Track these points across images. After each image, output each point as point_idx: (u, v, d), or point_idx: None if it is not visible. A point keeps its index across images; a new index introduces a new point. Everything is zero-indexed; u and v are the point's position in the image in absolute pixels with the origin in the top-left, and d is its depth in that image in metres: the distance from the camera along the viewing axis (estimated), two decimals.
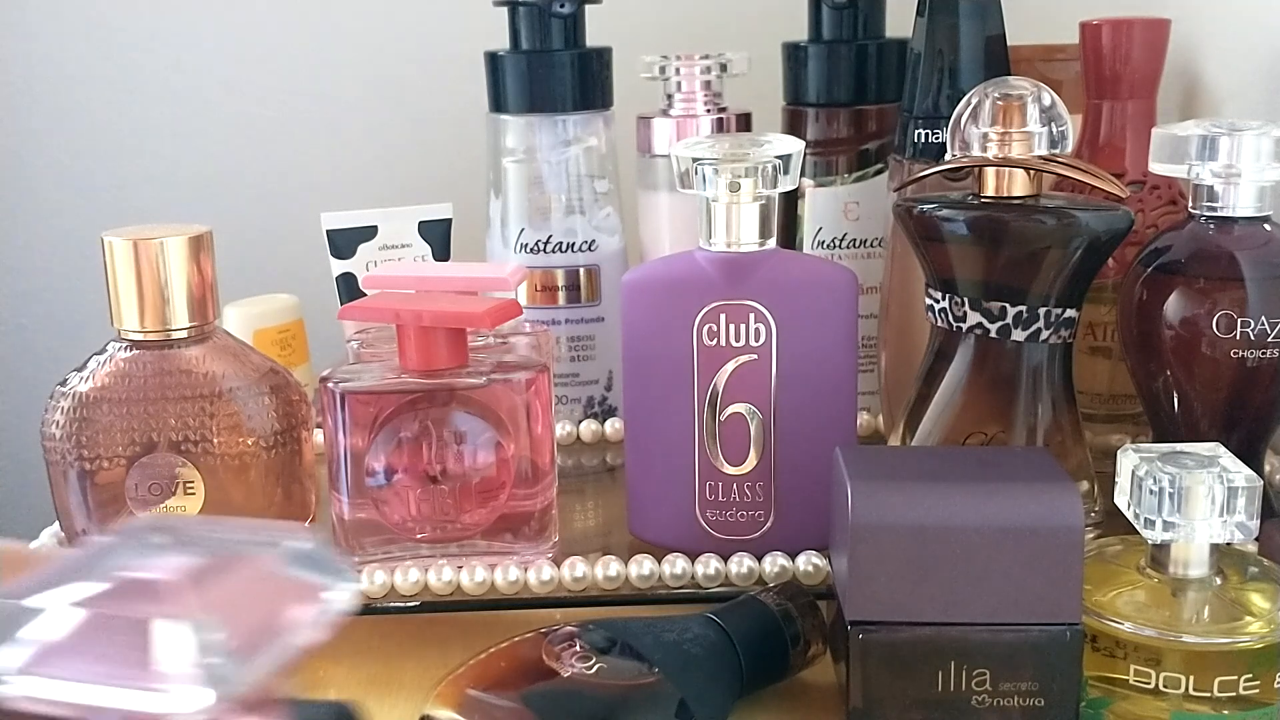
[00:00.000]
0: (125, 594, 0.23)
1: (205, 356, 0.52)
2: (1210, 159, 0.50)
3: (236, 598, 0.23)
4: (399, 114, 0.92)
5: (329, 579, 0.25)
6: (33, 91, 0.93)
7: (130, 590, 0.23)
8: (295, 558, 0.25)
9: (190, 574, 0.23)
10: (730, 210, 0.53)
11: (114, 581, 0.23)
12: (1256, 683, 0.40)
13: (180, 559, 0.24)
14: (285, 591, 0.24)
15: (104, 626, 0.23)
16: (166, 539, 0.25)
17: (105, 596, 0.23)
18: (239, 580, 0.24)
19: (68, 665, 0.22)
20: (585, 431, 0.69)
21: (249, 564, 0.25)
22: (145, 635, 0.22)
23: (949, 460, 0.47)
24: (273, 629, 0.24)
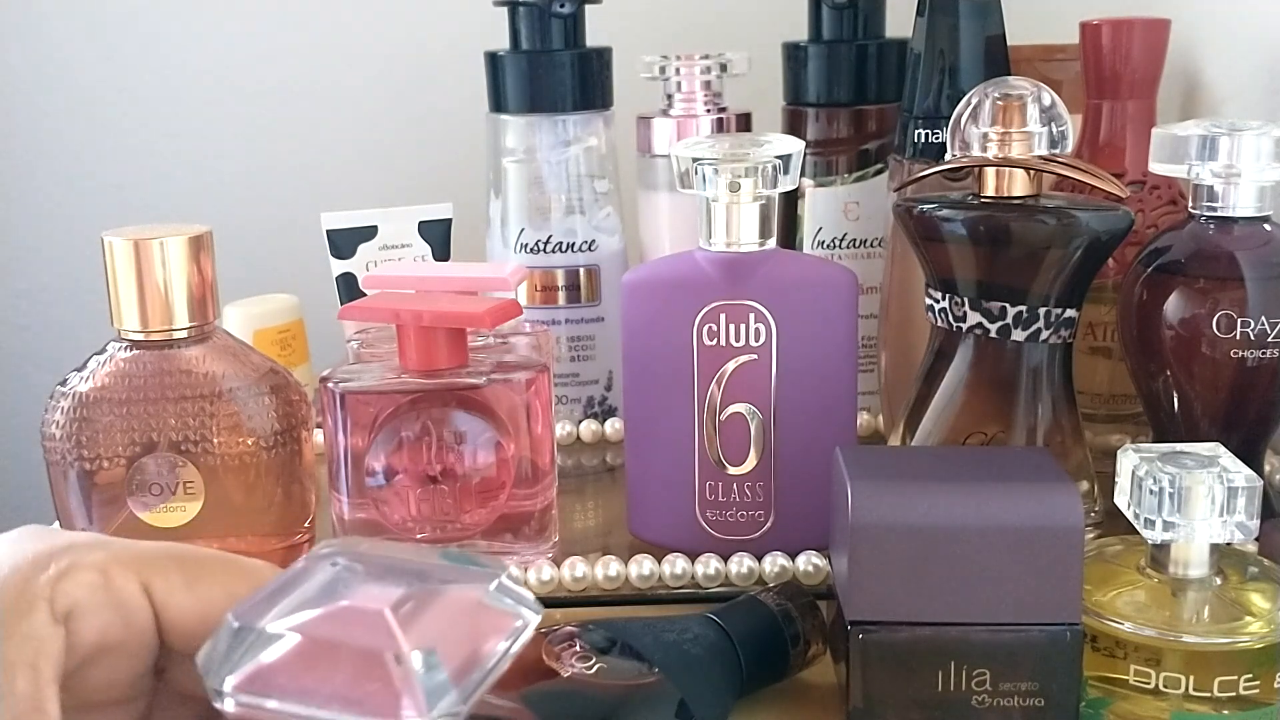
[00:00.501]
0: (344, 621, 0.24)
1: (205, 356, 0.52)
2: (1210, 159, 0.50)
3: (446, 628, 0.24)
4: (399, 114, 0.92)
5: (520, 609, 0.26)
6: (33, 92, 0.93)
7: (348, 618, 0.24)
8: (491, 588, 0.26)
9: (402, 604, 0.24)
10: (730, 210, 0.53)
11: (331, 608, 0.24)
12: (1256, 683, 0.40)
13: (388, 589, 0.25)
14: (485, 622, 0.25)
15: (329, 654, 0.24)
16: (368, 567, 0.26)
17: (326, 622, 0.24)
18: (446, 610, 0.25)
19: (296, 689, 0.23)
20: (585, 431, 0.69)
21: (452, 594, 0.25)
22: (372, 664, 0.23)
23: (949, 460, 0.47)
24: (477, 659, 0.25)
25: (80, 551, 0.27)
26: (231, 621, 0.25)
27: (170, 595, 0.28)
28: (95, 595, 0.27)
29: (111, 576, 0.27)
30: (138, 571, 0.27)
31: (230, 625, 0.25)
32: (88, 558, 0.27)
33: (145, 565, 0.28)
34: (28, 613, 0.26)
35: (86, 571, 0.27)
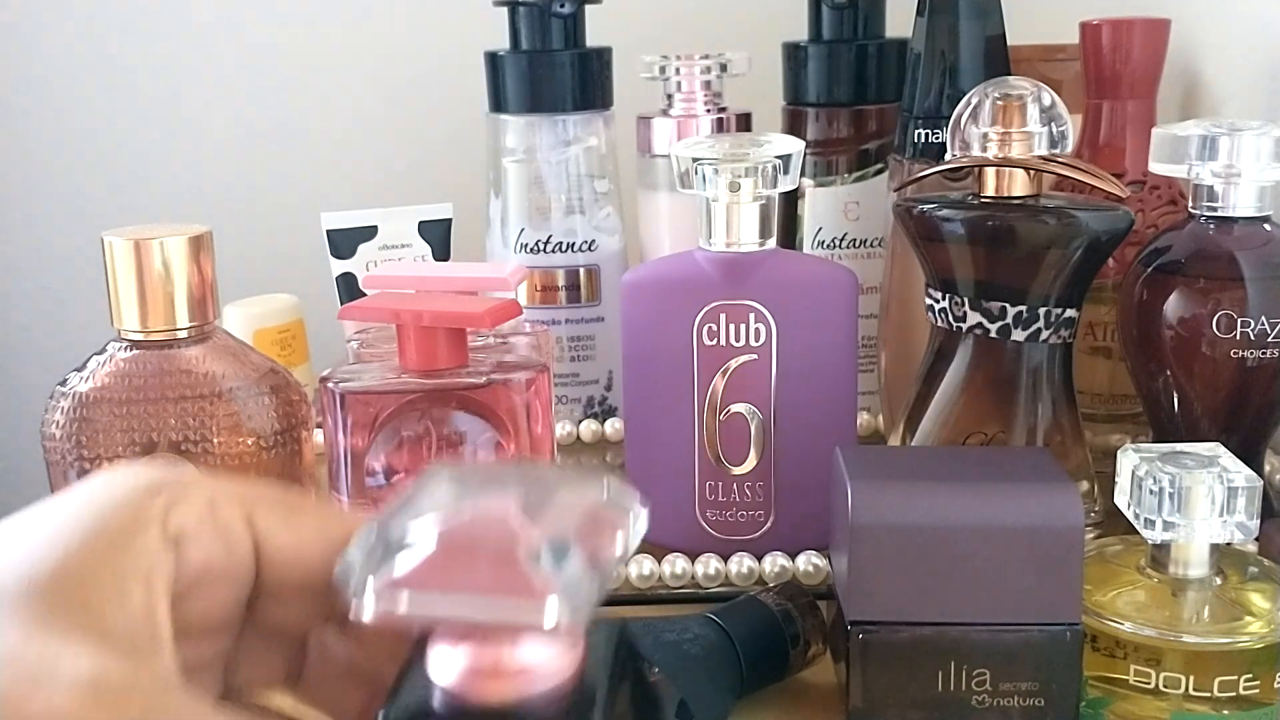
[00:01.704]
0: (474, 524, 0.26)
1: (205, 356, 0.52)
2: (1210, 159, 0.50)
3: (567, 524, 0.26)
4: (399, 114, 0.92)
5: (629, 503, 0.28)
6: (33, 93, 0.93)
7: (477, 521, 0.26)
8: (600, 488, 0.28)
9: (524, 506, 0.26)
10: (730, 210, 0.53)
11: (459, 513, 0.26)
12: (1256, 683, 0.40)
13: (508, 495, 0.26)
14: (602, 517, 0.27)
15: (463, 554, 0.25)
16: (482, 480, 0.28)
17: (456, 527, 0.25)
18: (564, 509, 0.26)
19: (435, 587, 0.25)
20: (585, 431, 0.69)
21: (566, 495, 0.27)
22: (506, 560, 0.24)
23: (949, 460, 0.47)
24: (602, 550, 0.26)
25: (189, 483, 0.28)
26: (369, 528, 0.26)
27: (270, 529, 0.29)
28: (203, 523, 0.28)
29: (218, 506, 0.28)
30: (241, 504, 0.29)
31: (368, 534, 0.26)
32: (196, 488, 0.28)
33: (248, 499, 0.29)
34: (141, 532, 0.27)
35: (196, 500, 0.28)
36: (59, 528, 0.27)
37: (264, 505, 0.29)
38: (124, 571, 0.26)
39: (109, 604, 0.26)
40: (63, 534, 0.27)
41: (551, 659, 0.26)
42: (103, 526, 0.27)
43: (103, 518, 0.27)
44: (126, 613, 0.26)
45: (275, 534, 0.29)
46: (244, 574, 0.29)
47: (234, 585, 0.29)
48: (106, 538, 0.27)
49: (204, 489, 0.28)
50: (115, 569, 0.26)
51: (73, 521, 0.27)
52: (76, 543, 0.26)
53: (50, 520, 0.27)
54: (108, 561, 0.26)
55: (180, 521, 0.28)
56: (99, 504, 0.27)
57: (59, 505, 0.28)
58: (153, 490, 0.28)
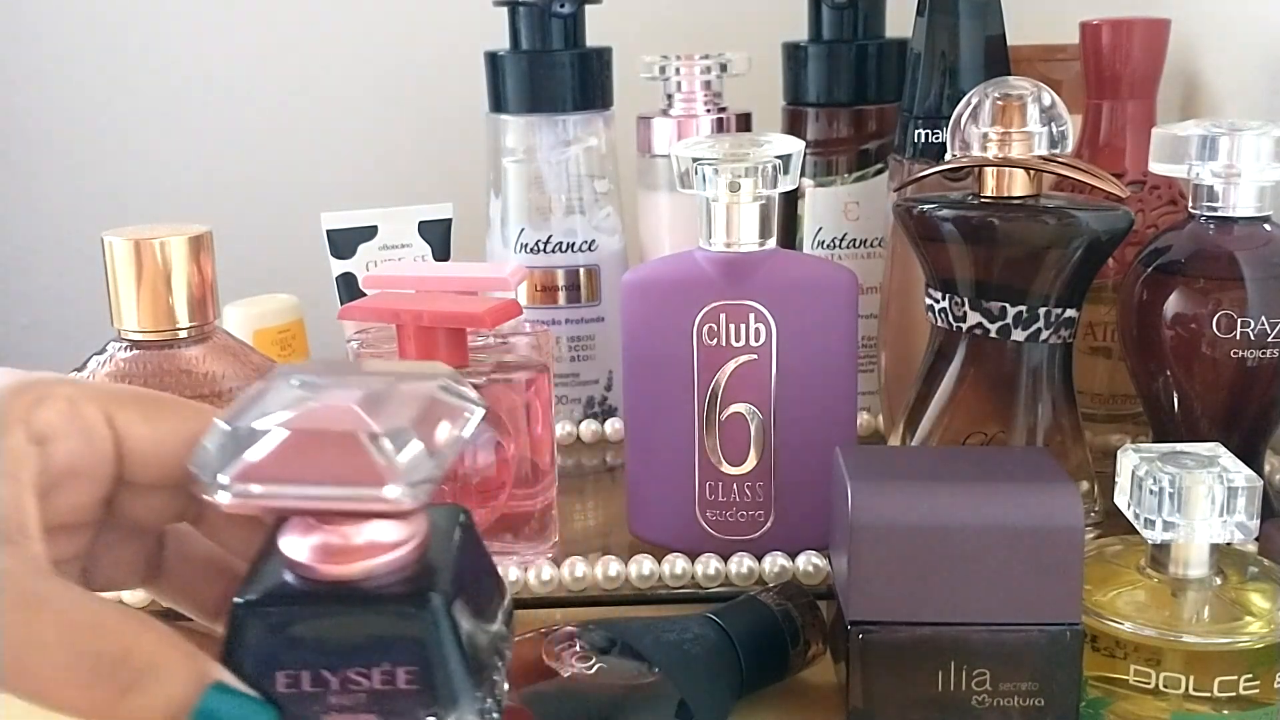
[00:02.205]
0: (320, 417, 0.27)
1: (205, 356, 0.52)
2: (1210, 159, 0.50)
3: (407, 415, 0.27)
4: (399, 114, 0.92)
5: (465, 402, 0.29)
6: (33, 91, 0.93)
7: (322, 414, 0.27)
8: (439, 385, 0.29)
9: (366, 400, 0.28)
10: (730, 210, 0.53)
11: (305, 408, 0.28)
12: (1256, 683, 0.40)
13: (351, 391, 0.28)
14: (440, 410, 0.29)
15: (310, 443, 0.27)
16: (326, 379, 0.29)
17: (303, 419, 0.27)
18: (404, 402, 0.28)
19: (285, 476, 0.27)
20: (585, 431, 0.69)
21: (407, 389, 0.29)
22: (350, 445, 0.26)
23: (949, 460, 0.47)
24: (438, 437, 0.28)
25: (54, 384, 0.30)
26: (221, 424, 0.27)
27: (130, 426, 0.30)
28: (66, 422, 0.29)
29: (79, 405, 0.30)
30: (102, 402, 0.30)
31: (219, 427, 0.27)
32: (60, 389, 0.30)
33: (108, 398, 0.30)
34: (5, 433, 0.28)
35: (58, 400, 0.29)
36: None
37: (124, 403, 0.30)
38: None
39: None
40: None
41: (395, 535, 0.28)
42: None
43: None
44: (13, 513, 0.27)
45: (135, 430, 0.30)
46: (106, 470, 0.30)
47: (96, 482, 0.30)
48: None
49: (65, 389, 0.30)
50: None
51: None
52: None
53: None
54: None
55: (44, 421, 0.29)
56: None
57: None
58: (17, 391, 0.29)
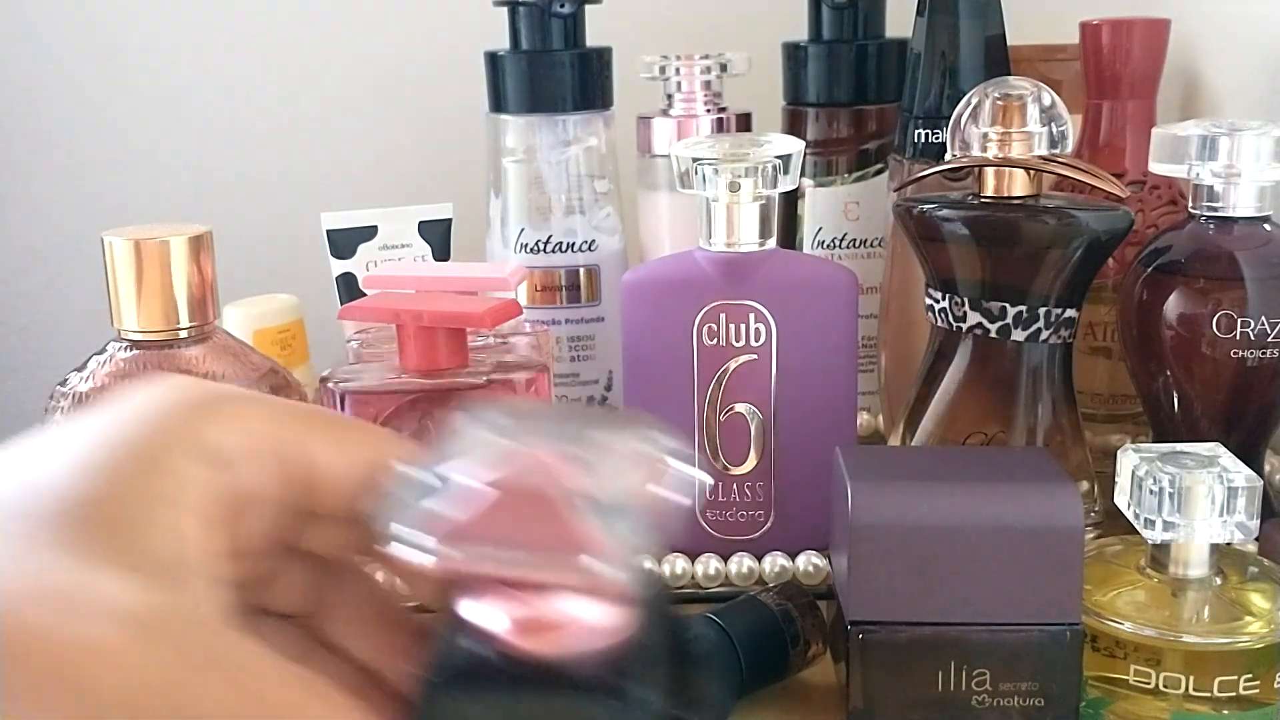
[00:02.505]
0: (517, 470, 0.25)
1: (205, 356, 0.52)
2: (1210, 159, 0.50)
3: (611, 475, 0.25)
4: (399, 114, 0.92)
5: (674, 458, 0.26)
6: (33, 92, 0.93)
7: (520, 466, 0.25)
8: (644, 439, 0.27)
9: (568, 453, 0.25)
10: (730, 210, 0.53)
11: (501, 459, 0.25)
12: (1256, 683, 0.40)
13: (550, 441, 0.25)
14: (651, 468, 0.26)
15: (505, 501, 0.24)
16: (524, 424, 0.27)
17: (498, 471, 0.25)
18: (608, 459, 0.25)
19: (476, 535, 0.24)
20: None
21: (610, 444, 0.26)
22: (566, 509, 0.24)
23: (949, 460, 0.47)
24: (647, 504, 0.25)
25: (238, 402, 0.27)
26: (406, 471, 0.25)
27: (320, 452, 0.27)
28: (251, 444, 0.26)
29: (268, 428, 0.27)
30: (296, 426, 0.27)
31: (405, 475, 0.25)
32: (245, 409, 0.27)
33: (299, 421, 0.27)
34: (174, 453, 0.25)
35: (244, 421, 0.26)
36: (88, 448, 0.25)
37: (316, 426, 0.27)
38: (156, 496, 0.25)
39: (141, 530, 0.24)
40: (93, 455, 0.25)
41: (599, 611, 0.24)
42: (133, 447, 0.25)
43: (133, 437, 0.25)
44: (164, 538, 0.24)
45: (328, 456, 0.27)
46: (295, 497, 0.27)
47: (282, 508, 0.27)
48: (136, 459, 0.25)
49: (252, 408, 0.27)
50: (146, 493, 0.25)
51: (102, 441, 0.25)
52: (106, 465, 0.25)
53: (78, 439, 0.25)
54: (138, 485, 0.25)
55: (221, 440, 0.26)
56: (129, 423, 0.26)
57: (87, 424, 0.26)
58: (186, 407, 0.26)
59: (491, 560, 0.24)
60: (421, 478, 0.25)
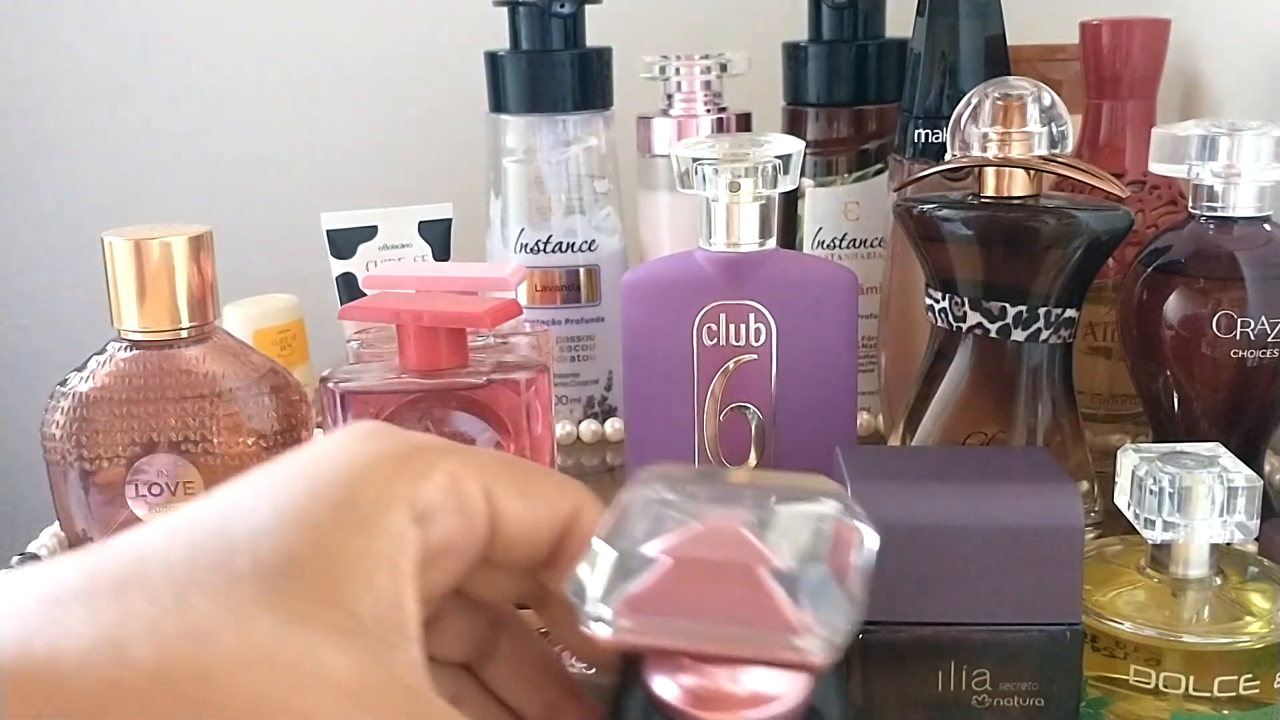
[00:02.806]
0: (707, 542, 0.24)
1: (205, 356, 0.52)
2: (1210, 159, 0.50)
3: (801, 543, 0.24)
4: (399, 114, 0.92)
5: (858, 523, 0.26)
6: (33, 91, 0.93)
7: (709, 539, 0.24)
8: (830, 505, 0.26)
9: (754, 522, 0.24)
10: (730, 210, 0.53)
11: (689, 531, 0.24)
12: (1256, 683, 0.40)
13: (733, 509, 0.25)
14: (839, 539, 0.25)
15: (701, 574, 0.23)
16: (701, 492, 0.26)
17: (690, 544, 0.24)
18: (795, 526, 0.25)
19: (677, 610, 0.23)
20: (585, 431, 0.69)
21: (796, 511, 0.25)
22: (755, 580, 0.23)
23: (949, 460, 0.47)
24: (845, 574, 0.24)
25: (434, 453, 0.27)
26: (603, 548, 0.24)
27: (507, 504, 0.27)
28: (447, 498, 0.26)
29: (461, 480, 0.27)
30: (482, 478, 0.27)
31: (602, 551, 0.24)
32: (442, 461, 0.27)
33: (487, 472, 0.27)
34: (390, 511, 0.25)
35: (442, 474, 0.26)
36: (291, 499, 0.25)
37: (500, 478, 0.27)
38: (373, 555, 0.24)
39: (358, 591, 0.24)
40: (297, 507, 0.24)
41: (783, 687, 0.24)
42: (341, 501, 0.25)
43: (341, 491, 0.25)
44: (375, 600, 0.24)
45: (511, 508, 0.27)
46: (476, 549, 0.27)
47: (463, 561, 0.27)
48: (345, 514, 0.25)
49: (449, 462, 0.27)
50: (364, 552, 0.24)
51: (306, 492, 0.25)
52: (312, 519, 0.24)
53: (279, 489, 0.25)
54: (356, 544, 0.24)
55: (428, 498, 0.26)
56: (334, 474, 0.25)
57: (287, 472, 0.26)
58: (398, 461, 0.26)
59: (673, 632, 0.23)
60: (606, 552, 0.24)
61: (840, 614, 0.23)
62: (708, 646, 0.23)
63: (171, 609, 0.22)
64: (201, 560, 0.23)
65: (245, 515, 0.24)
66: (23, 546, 0.55)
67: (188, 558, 0.23)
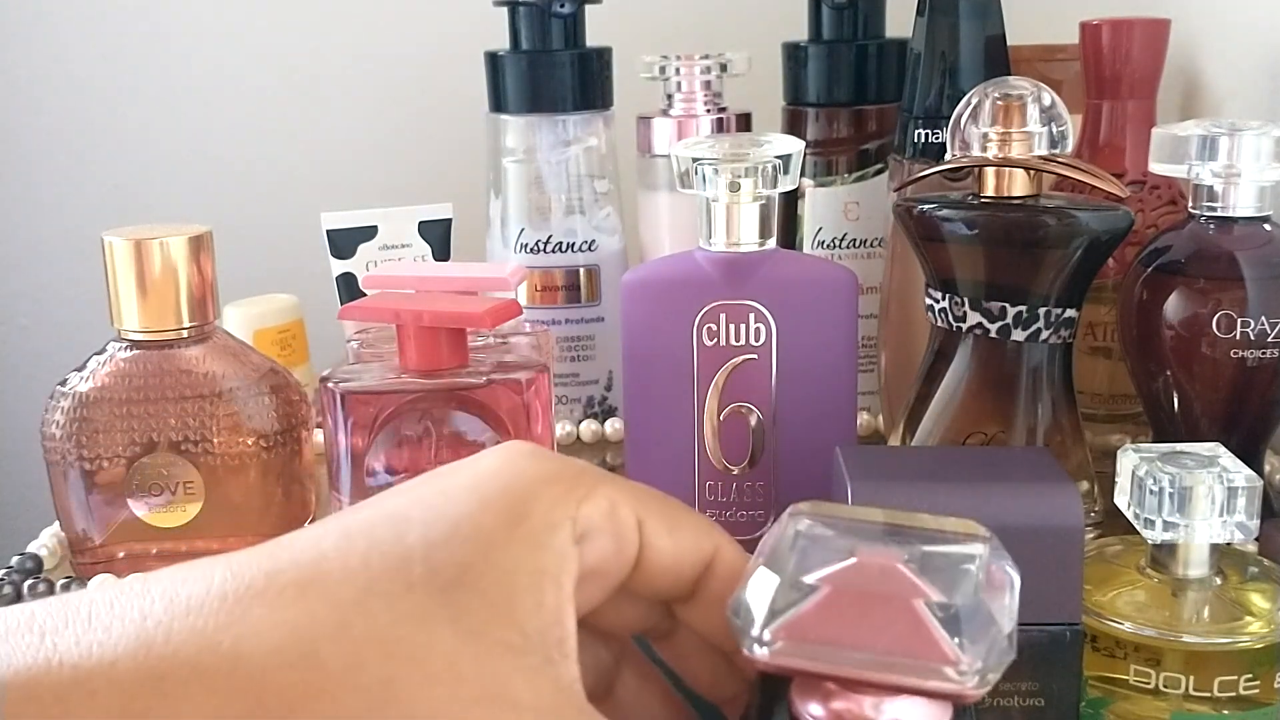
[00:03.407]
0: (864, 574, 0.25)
1: (205, 356, 0.52)
2: (1210, 159, 0.50)
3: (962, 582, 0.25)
4: (399, 114, 0.92)
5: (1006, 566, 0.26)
6: (33, 91, 0.93)
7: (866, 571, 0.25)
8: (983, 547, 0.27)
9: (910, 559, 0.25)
10: (730, 210, 0.53)
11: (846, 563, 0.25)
12: (1256, 683, 0.40)
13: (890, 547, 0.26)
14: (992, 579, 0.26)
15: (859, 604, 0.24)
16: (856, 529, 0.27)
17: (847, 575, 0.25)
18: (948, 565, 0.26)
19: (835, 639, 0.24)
20: (585, 431, 0.69)
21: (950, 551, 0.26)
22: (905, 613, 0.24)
23: (949, 460, 0.47)
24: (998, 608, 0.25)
25: (594, 478, 0.28)
26: (765, 574, 0.25)
27: (656, 535, 0.28)
28: (606, 522, 0.27)
29: (619, 506, 0.28)
30: (636, 507, 0.28)
31: (765, 577, 0.25)
32: (601, 486, 0.28)
33: (640, 502, 0.28)
34: (557, 528, 0.26)
35: (602, 498, 0.27)
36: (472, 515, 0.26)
37: (652, 510, 0.29)
38: (542, 572, 0.25)
39: (528, 608, 0.25)
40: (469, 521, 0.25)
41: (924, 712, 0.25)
42: (522, 520, 0.26)
43: (521, 510, 0.26)
44: (542, 618, 0.25)
45: (659, 539, 0.28)
46: (622, 576, 0.28)
47: (611, 584, 0.28)
48: (526, 533, 0.26)
49: (606, 486, 0.28)
50: (535, 569, 0.25)
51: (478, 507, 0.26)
52: (497, 536, 0.25)
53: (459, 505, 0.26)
54: (528, 560, 0.25)
55: (589, 520, 0.27)
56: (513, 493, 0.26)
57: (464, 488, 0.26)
58: (564, 482, 0.27)
59: (830, 658, 0.24)
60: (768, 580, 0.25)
61: (995, 649, 0.24)
62: (864, 674, 0.24)
63: (355, 615, 0.23)
64: (377, 567, 0.24)
65: (420, 525, 0.25)
66: (23, 546, 0.55)
67: (364, 563, 0.24)
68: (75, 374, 0.52)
